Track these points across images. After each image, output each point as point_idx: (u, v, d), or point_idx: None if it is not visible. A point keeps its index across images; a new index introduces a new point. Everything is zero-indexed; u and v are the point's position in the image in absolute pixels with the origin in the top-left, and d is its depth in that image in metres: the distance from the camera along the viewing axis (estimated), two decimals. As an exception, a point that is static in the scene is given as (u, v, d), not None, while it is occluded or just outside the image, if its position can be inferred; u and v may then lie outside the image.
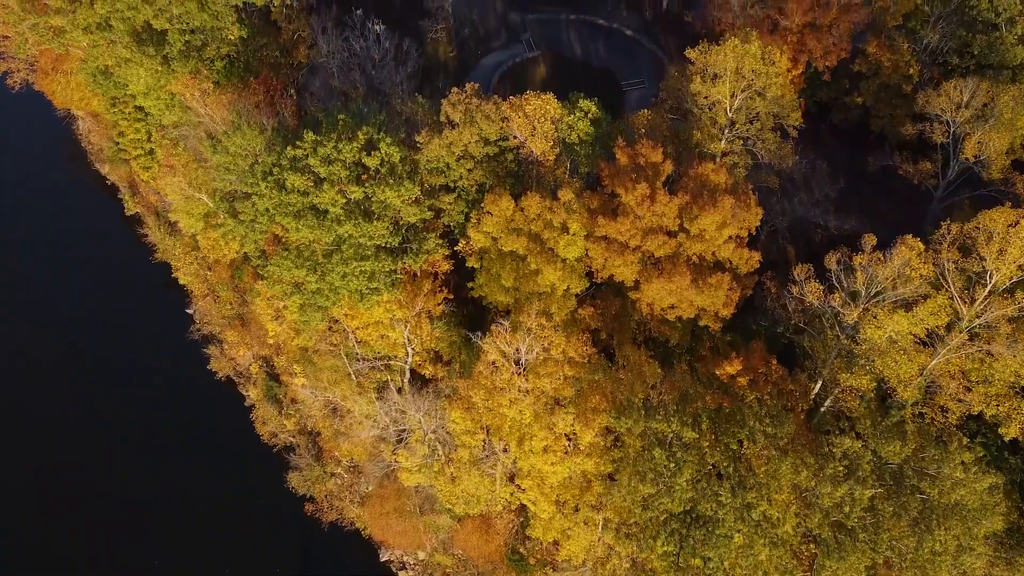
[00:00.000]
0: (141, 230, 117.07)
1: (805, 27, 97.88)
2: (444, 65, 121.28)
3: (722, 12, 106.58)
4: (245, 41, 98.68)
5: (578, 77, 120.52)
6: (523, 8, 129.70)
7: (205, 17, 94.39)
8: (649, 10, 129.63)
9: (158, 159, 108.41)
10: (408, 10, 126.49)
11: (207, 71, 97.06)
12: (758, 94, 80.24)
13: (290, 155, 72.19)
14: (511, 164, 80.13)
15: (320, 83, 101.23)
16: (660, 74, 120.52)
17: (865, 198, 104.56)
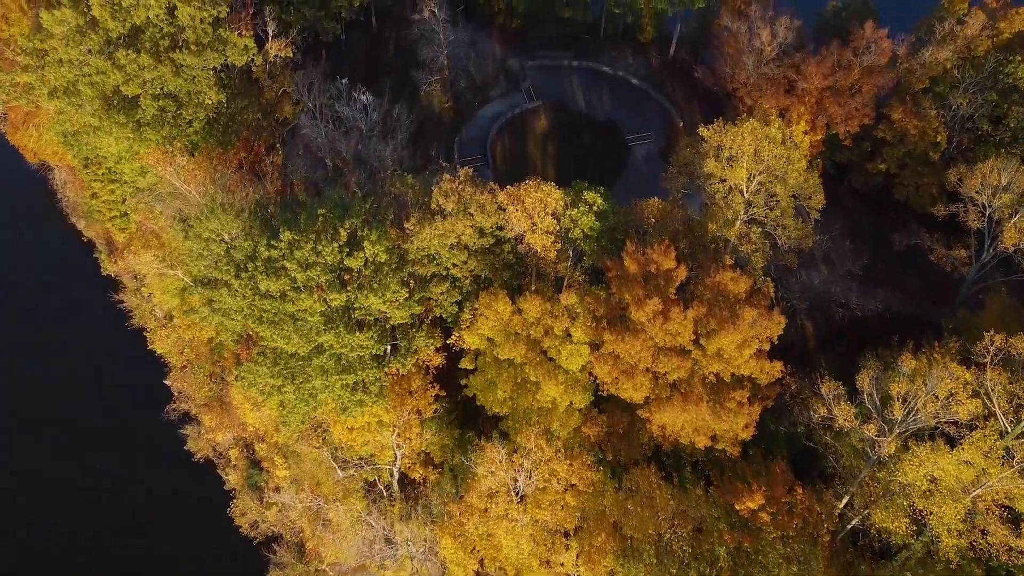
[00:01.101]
0: (118, 294, 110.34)
1: (825, 90, 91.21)
2: (439, 117, 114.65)
3: (734, 69, 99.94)
4: (224, 104, 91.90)
5: (581, 130, 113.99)
6: (523, 54, 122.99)
7: (180, 82, 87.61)
8: (655, 57, 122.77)
9: (134, 221, 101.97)
10: (401, 61, 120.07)
11: (183, 137, 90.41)
12: (777, 178, 73.49)
13: (264, 255, 65.46)
14: (508, 256, 73.43)
15: (304, 147, 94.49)
16: (667, 128, 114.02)
17: (890, 270, 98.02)
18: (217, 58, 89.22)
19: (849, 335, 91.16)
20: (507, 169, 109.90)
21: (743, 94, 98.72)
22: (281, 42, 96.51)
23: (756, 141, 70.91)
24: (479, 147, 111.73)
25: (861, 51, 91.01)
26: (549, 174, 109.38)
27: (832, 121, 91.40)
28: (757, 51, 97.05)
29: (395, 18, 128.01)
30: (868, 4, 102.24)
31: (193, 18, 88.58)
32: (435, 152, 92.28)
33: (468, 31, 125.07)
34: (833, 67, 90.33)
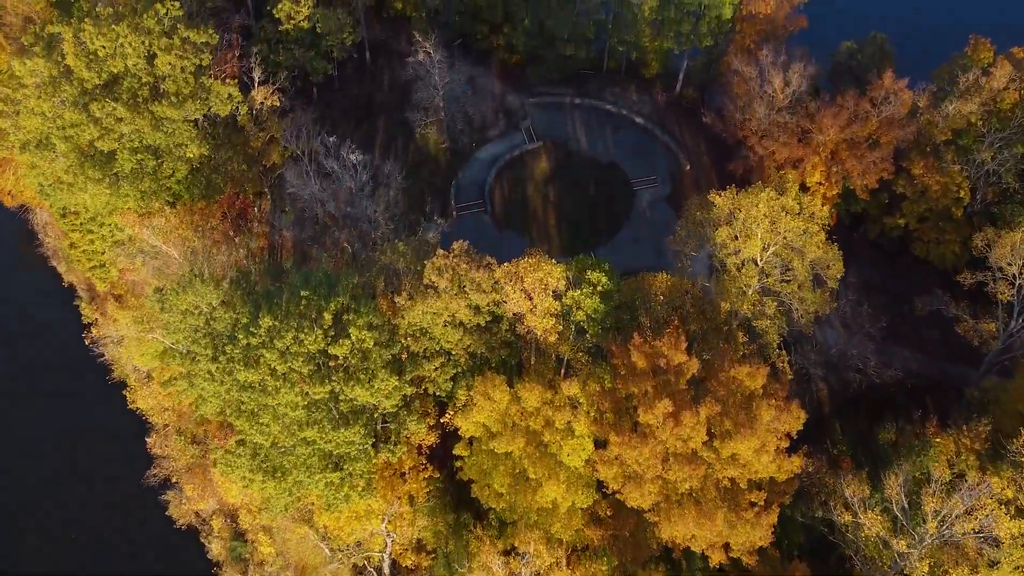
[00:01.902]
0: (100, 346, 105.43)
1: (841, 143, 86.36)
2: (436, 158, 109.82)
3: (744, 115, 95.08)
4: (207, 157, 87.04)
5: (584, 174, 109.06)
6: (523, 90, 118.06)
7: (159, 136, 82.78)
8: (661, 94, 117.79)
9: (114, 272, 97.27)
10: (396, 98, 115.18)
11: (162, 192, 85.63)
12: (794, 250, 68.61)
13: (243, 343, 60.59)
14: (506, 334, 68.56)
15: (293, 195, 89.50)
16: (674, 171, 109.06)
17: (908, 327, 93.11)
18: (199, 109, 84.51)
19: (867, 401, 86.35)
20: (506, 216, 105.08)
21: (754, 143, 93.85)
22: (268, 89, 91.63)
23: (772, 212, 66.00)
24: (477, 191, 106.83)
25: (879, 102, 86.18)
26: (550, 221, 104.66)
27: (849, 175, 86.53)
28: (769, 98, 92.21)
29: (390, 51, 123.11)
30: (884, 46, 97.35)
31: (174, 67, 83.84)
32: (429, 207, 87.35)
33: (467, 65, 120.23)
34: (850, 119, 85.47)
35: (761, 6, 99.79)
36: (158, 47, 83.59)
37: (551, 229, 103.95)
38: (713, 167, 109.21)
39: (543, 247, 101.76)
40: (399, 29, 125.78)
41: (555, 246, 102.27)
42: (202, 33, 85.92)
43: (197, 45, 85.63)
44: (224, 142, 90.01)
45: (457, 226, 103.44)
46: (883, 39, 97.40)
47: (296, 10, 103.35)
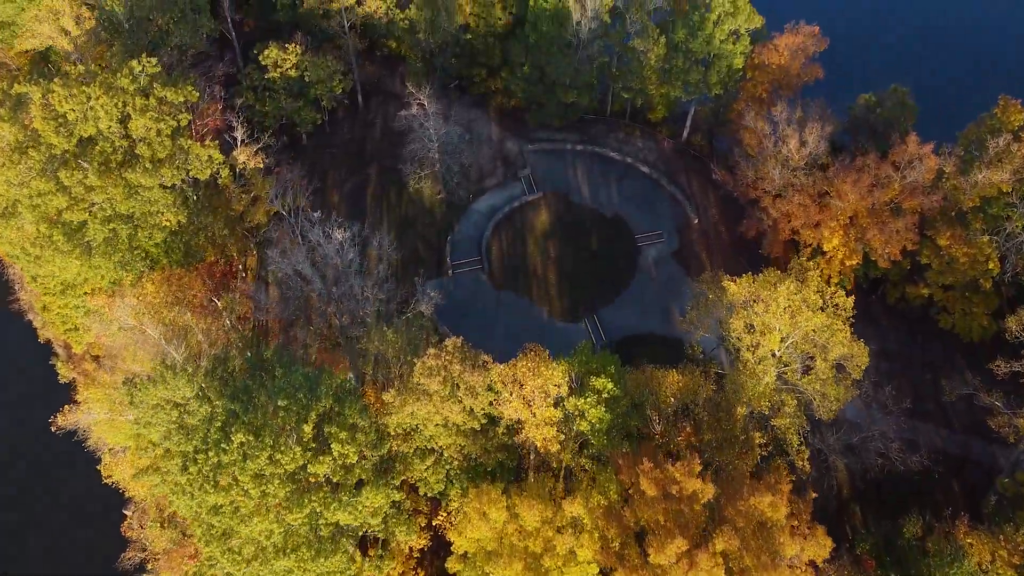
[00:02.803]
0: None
1: (862, 209, 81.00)
2: (430, 210, 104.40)
3: (758, 172, 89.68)
4: (186, 223, 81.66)
5: (586, 228, 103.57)
6: (522, 135, 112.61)
7: (134, 204, 77.41)
8: (667, 141, 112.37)
9: (88, 338, 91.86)
10: (389, 144, 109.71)
11: (137, 261, 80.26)
12: (816, 345, 63.20)
13: (213, 460, 55.13)
14: (503, 436, 63.14)
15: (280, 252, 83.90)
16: (681, 224, 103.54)
17: (932, 402, 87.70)
18: (176, 175, 79.10)
19: (890, 487, 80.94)
20: (504, 273, 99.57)
21: (767, 203, 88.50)
22: (251, 149, 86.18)
23: (792, 305, 60.56)
24: (473, 247, 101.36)
25: (903, 166, 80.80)
26: (550, 279, 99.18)
27: (870, 244, 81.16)
28: (783, 158, 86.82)
29: (384, 92, 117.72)
30: (906, 100, 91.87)
31: (149, 130, 78.43)
32: (422, 282, 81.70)
33: (463, 108, 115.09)
34: (871, 185, 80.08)
35: (774, 56, 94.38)
36: (132, 108, 78.29)
37: (551, 288, 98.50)
38: (722, 220, 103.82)
39: (543, 308, 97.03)
40: (393, 67, 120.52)
41: (556, 307, 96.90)
42: (180, 91, 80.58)
43: (175, 105, 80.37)
44: (204, 205, 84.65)
45: (453, 284, 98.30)
46: (904, 93, 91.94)
47: (283, 57, 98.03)
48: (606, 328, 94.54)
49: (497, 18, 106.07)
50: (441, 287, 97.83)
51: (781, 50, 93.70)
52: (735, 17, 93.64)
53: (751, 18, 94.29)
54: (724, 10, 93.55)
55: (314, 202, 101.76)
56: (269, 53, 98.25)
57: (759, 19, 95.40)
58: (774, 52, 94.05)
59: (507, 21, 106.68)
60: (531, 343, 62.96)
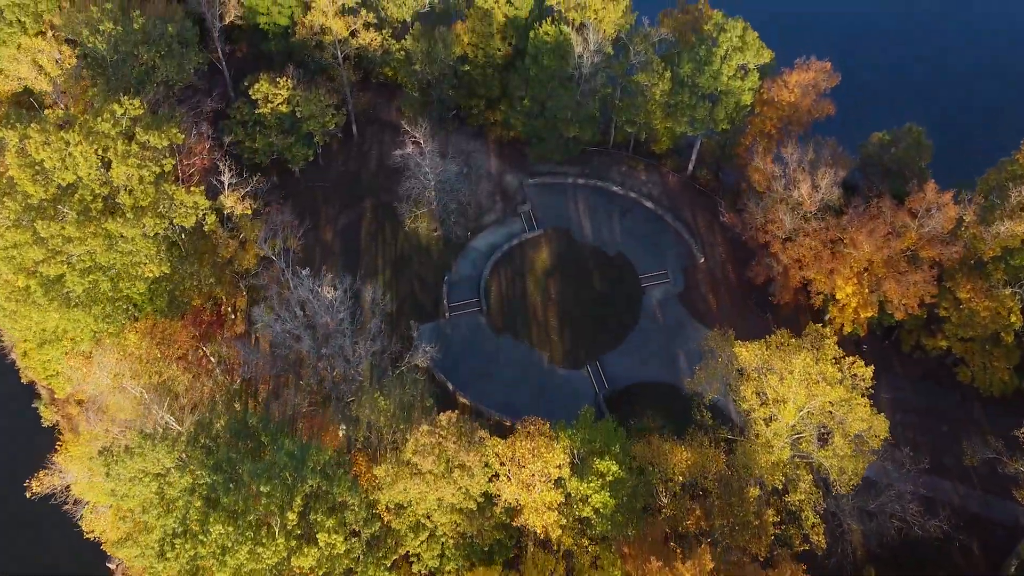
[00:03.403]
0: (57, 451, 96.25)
1: (877, 259, 77.40)
2: (427, 248, 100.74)
3: (767, 215, 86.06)
4: (170, 272, 78.04)
5: (588, 267, 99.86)
6: (522, 168, 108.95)
7: (115, 256, 73.81)
8: (672, 174, 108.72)
9: (72, 383, 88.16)
10: (384, 176, 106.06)
11: (118, 314, 76.71)
12: (833, 418, 59.55)
13: (190, 552, 51.47)
14: (500, 516, 59.45)
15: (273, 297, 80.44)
16: (686, 264, 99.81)
17: (951, 457, 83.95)
18: (159, 224, 75.48)
19: (907, 552, 77.27)
20: (503, 316, 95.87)
21: (777, 249, 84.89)
22: (238, 193, 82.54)
23: (809, 380, 56.92)
24: (471, 288, 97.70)
25: (920, 214, 77.18)
26: (551, 322, 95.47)
27: (886, 297, 77.56)
28: (795, 203, 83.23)
29: (379, 121, 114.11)
30: (922, 139, 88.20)
31: (131, 177, 74.87)
32: (418, 334, 77.80)
33: (461, 138, 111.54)
34: (887, 234, 76.48)
35: (784, 93, 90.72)
36: (114, 153, 74.73)
37: (552, 332, 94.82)
38: (730, 259, 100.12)
39: (543, 354, 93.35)
40: (390, 95, 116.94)
41: (556, 352, 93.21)
42: (164, 135, 77.05)
43: (158, 150, 76.82)
44: (190, 252, 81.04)
45: (450, 328, 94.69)
46: (920, 132, 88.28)
47: (274, 92, 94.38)
48: (609, 375, 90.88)
49: (496, 49, 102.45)
50: (438, 330, 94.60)
51: (791, 87, 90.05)
52: (743, 52, 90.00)
53: (760, 53, 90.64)
54: (732, 45, 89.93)
55: (306, 242, 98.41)
56: (259, 87, 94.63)
57: (768, 54, 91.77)
58: (784, 89, 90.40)
59: (506, 52, 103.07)
60: (531, 416, 59.32)
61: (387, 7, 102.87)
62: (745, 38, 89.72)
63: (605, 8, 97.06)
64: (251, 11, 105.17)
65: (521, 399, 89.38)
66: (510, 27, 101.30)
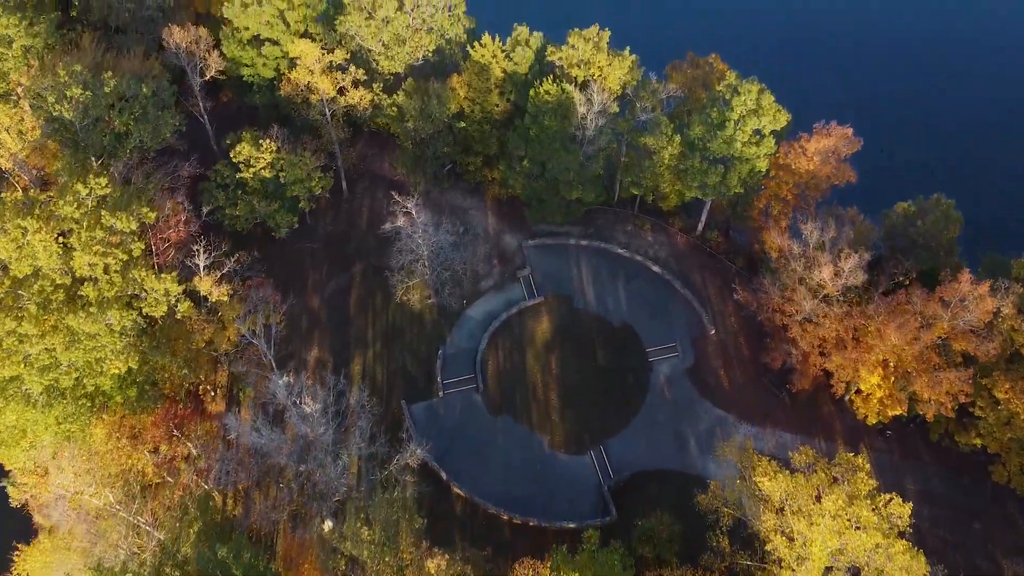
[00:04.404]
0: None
1: (907, 353, 71.30)
2: (420, 318, 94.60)
3: (786, 294, 79.98)
4: (139, 366, 72.07)
5: (592, 339, 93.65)
6: (521, 228, 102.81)
7: (76, 354, 67.78)
8: (680, 235, 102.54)
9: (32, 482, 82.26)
10: (375, 238, 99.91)
11: (83, 414, 70.74)
12: (868, 566, 53.40)
13: None
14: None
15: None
16: (696, 335, 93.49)
17: (984, 559, 77.91)
18: (126, 316, 69.41)
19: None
20: (501, 394, 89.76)
21: (796, 334, 78.80)
22: (215, 276, 76.43)
23: (840, 526, 50.81)
24: (467, 362, 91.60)
25: (953, 306, 71.06)
26: (552, 402, 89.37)
27: (917, 396, 71.52)
28: (815, 285, 77.16)
29: (371, 176, 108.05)
30: (951, 212, 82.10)
31: (95, 267, 68.85)
32: (407, 434, 71.68)
33: (458, 194, 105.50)
34: (918, 329, 70.36)
35: (802, 161, 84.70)
36: (77, 240, 68.77)
37: (553, 412, 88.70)
38: (742, 331, 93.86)
39: (544, 438, 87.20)
40: (382, 145, 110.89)
41: (558, 436, 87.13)
42: (132, 217, 71.14)
43: (127, 233, 70.87)
44: (161, 341, 74.97)
45: (444, 407, 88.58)
46: (948, 205, 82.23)
47: (257, 156, 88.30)
48: (614, 462, 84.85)
49: (494, 105, 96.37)
50: (431, 410, 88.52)
51: (810, 154, 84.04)
52: (759, 117, 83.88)
53: (776, 118, 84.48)
54: (747, 108, 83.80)
55: (292, 311, 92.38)
56: (241, 150, 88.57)
57: (785, 117, 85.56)
58: (802, 156, 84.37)
59: (505, 108, 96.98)
60: (527, 558, 53.17)
61: (378, 60, 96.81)
62: (761, 102, 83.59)
63: (610, 65, 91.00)
64: (234, 63, 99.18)
65: (520, 489, 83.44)
66: (509, 82, 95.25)
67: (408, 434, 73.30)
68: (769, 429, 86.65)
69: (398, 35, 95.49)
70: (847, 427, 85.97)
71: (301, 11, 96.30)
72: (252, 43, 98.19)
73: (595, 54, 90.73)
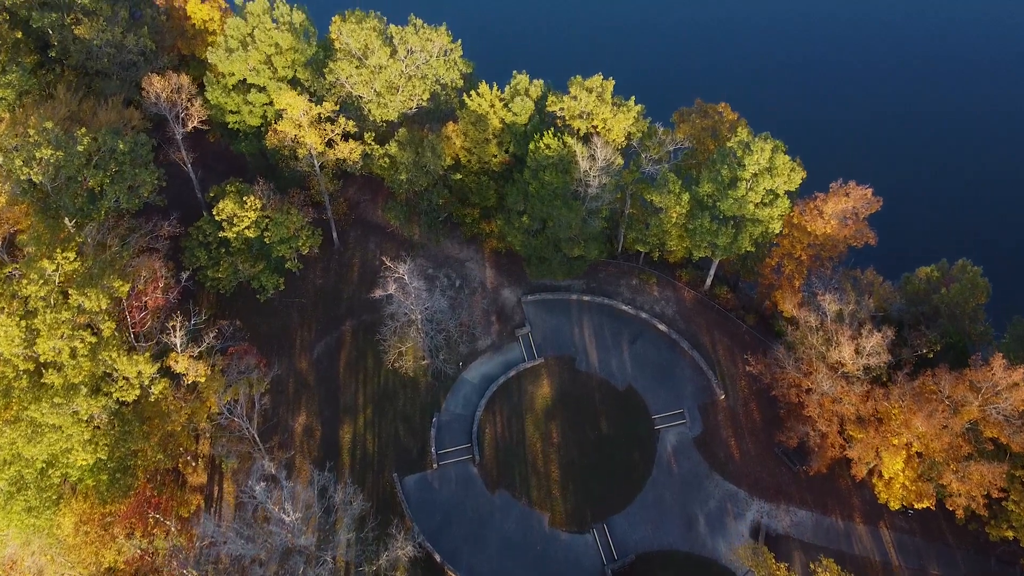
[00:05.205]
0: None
1: (938, 449, 66.33)
2: (414, 382, 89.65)
3: (802, 367, 75.01)
4: (108, 455, 67.10)
5: (595, 404, 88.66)
6: (520, 281, 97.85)
7: (40, 448, 62.81)
8: (686, 290, 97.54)
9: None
10: (367, 293, 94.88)
11: (46, 509, 65.75)
12: None
13: None
14: None
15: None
16: (705, 401, 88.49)
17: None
18: (94, 404, 64.53)
19: None
20: (499, 467, 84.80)
21: (813, 412, 73.85)
22: (192, 351, 71.52)
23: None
24: (463, 430, 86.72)
25: (984, 391, 66.12)
26: (552, 475, 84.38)
27: (945, 491, 66.54)
28: (835, 363, 72.25)
29: (363, 224, 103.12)
30: (978, 280, 77.17)
31: (60, 352, 63.95)
32: (395, 527, 66.82)
33: (455, 244, 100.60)
34: (947, 417, 65.40)
35: (818, 224, 79.77)
36: (42, 322, 63.88)
37: (553, 486, 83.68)
38: (753, 396, 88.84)
39: (544, 515, 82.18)
40: (375, 190, 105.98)
41: (558, 512, 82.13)
42: (102, 293, 66.18)
43: (96, 313, 65.99)
44: (134, 425, 69.98)
45: (438, 481, 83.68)
46: (975, 272, 77.33)
47: (240, 215, 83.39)
48: (618, 542, 79.92)
49: (492, 156, 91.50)
50: (424, 483, 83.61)
51: (827, 217, 79.10)
52: (773, 177, 78.98)
53: (791, 178, 79.59)
54: (760, 167, 78.88)
55: (278, 375, 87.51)
56: (223, 207, 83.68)
57: (800, 176, 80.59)
58: (819, 219, 79.43)
59: (503, 159, 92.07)
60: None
61: (370, 108, 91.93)
62: (775, 161, 78.66)
63: (615, 117, 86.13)
64: (219, 109, 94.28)
65: (520, 571, 78.60)
66: (507, 133, 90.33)
67: (400, 523, 68.11)
68: (783, 506, 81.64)
69: (391, 83, 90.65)
70: (866, 503, 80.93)
71: (289, 56, 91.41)
72: (238, 88, 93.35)
73: (599, 106, 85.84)
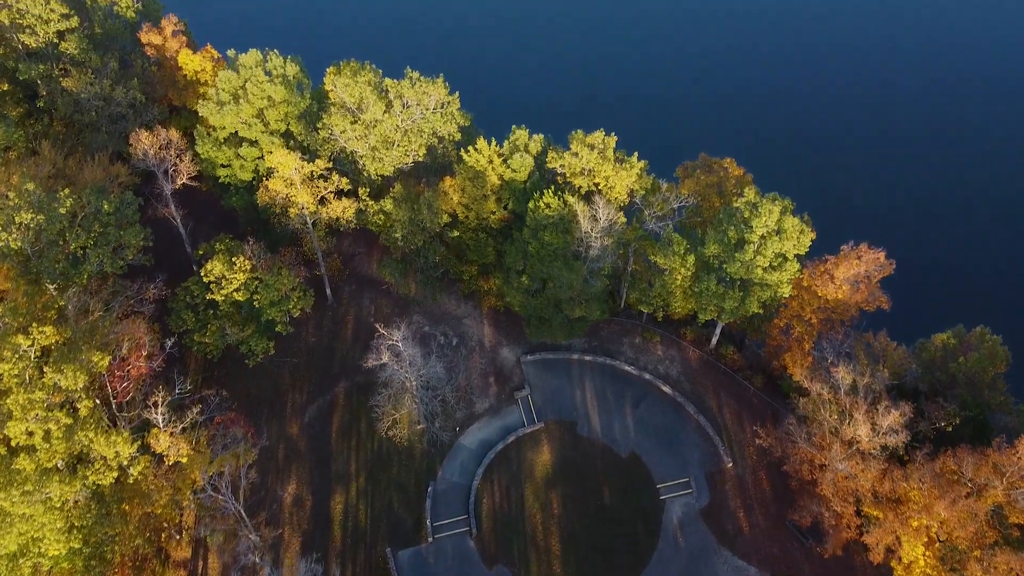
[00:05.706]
0: None
1: (963, 537, 62.71)
2: (409, 449, 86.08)
3: (815, 440, 71.54)
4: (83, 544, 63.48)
5: (597, 472, 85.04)
6: (519, 340, 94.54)
7: (9, 539, 59.21)
8: (691, 349, 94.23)
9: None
10: (362, 348, 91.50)
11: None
12: None
13: None
14: None
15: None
16: (712, 469, 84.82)
17: None
18: (69, 489, 61.02)
19: None
20: (497, 540, 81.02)
21: (827, 491, 70.29)
22: (174, 427, 68.08)
23: None
24: (459, 500, 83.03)
25: (1010, 476, 62.63)
26: (553, 549, 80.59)
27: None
28: (850, 439, 68.84)
29: (357, 278, 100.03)
30: (997, 349, 73.99)
31: (32, 435, 60.51)
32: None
33: (452, 300, 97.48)
34: (971, 504, 61.89)
35: (829, 289, 76.69)
36: (14, 403, 60.51)
37: (554, 561, 79.85)
38: (762, 464, 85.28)
39: (545, 593, 78.67)
40: (369, 244, 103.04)
41: (560, 590, 78.40)
42: (80, 369, 62.81)
43: (72, 391, 62.62)
44: (112, 507, 66.38)
45: (433, 555, 79.86)
46: (995, 341, 74.19)
47: (229, 277, 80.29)
48: (622, 624, 76.19)
49: (491, 212, 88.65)
50: (419, 558, 79.83)
51: (838, 282, 76.03)
52: (782, 240, 75.99)
53: (801, 241, 76.60)
54: (768, 229, 75.91)
55: (267, 443, 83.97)
56: (212, 268, 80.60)
57: (809, 237, 77.59)
58: (830, 283, 76.36)
59: (502, 216, 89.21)
60: None
61: (365, 162, 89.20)
62: (783, 223, 75.73)
63: (617, 175, 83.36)
64: (210, 163, 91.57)
65: None
66: (506, 190, 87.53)
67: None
68: (795, 584, 78.00)
69: (387, 137, 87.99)
70: (883, 581, 77.40)
71: (282, 109, 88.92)
72: (229, 142, 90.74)
73: (601, 163, 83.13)
